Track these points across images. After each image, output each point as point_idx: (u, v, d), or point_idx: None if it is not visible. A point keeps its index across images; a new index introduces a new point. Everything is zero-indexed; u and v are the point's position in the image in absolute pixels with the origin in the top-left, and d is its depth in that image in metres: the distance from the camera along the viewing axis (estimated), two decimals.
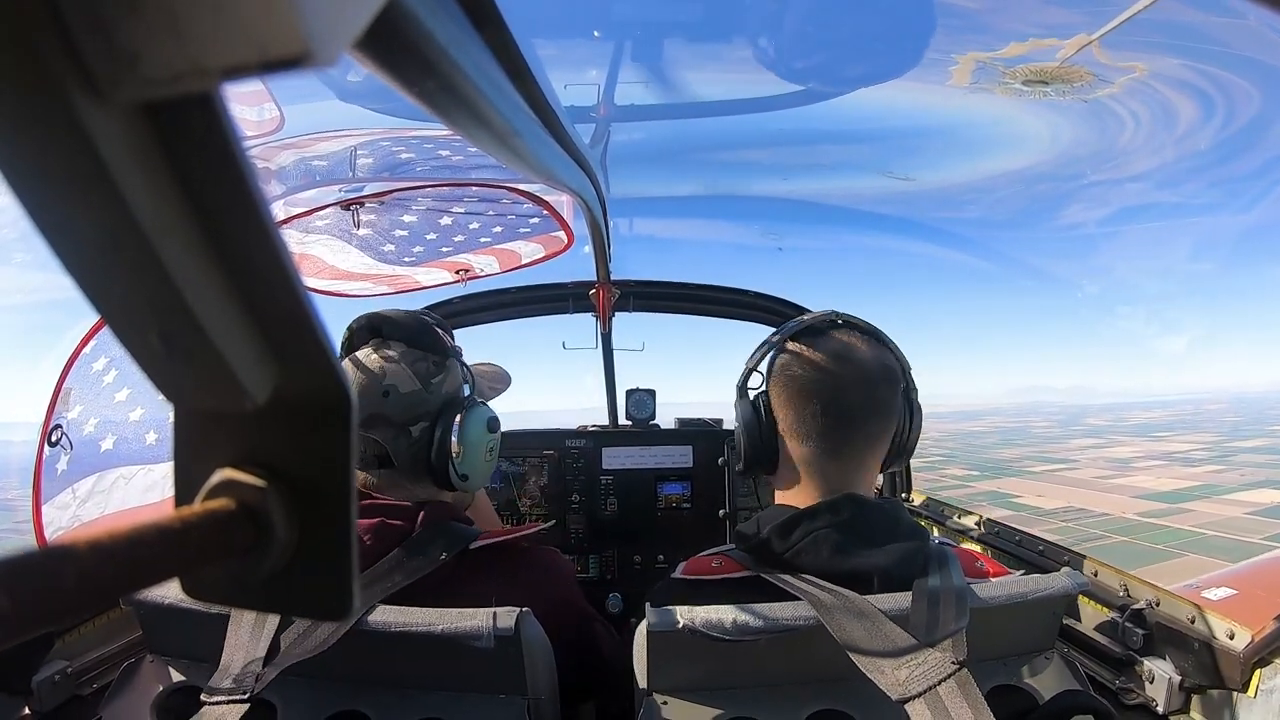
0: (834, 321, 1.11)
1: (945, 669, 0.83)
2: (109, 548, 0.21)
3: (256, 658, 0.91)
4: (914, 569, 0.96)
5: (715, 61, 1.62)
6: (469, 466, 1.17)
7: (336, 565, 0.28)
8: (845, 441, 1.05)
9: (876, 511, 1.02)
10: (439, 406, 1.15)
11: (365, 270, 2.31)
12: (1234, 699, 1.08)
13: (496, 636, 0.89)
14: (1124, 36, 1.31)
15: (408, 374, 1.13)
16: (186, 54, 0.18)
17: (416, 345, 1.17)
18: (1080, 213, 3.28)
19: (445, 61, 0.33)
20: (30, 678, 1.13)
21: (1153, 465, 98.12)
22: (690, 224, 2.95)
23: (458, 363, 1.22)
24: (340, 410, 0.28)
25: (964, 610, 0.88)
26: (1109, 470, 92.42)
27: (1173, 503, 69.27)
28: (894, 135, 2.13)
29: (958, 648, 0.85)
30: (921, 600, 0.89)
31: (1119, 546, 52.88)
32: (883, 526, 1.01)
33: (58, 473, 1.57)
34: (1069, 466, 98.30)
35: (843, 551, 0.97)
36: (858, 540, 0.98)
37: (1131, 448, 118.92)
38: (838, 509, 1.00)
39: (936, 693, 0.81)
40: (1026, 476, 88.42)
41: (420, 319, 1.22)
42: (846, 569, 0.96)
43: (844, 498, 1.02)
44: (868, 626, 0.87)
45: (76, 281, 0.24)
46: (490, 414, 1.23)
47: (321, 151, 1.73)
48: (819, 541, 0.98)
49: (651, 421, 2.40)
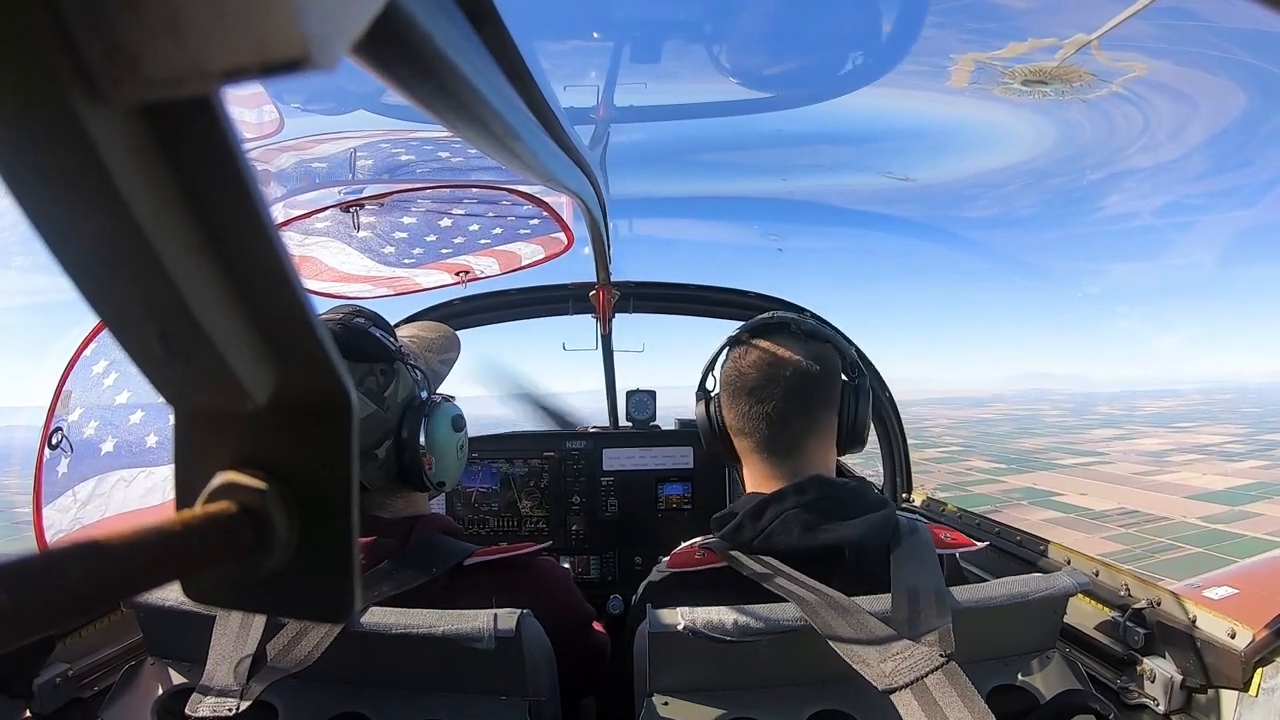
0: (769, 323, 1.17)
1: (933, 661, 0.84)
2: (110, 550, 0.21)
3: (243, 667, 0.90)
4: (884, 537, 1.01)
5: (715, 62, 1.62)
6: (443, 472, 1.13)
7: (337, 567, 0.28)
8: (780, 436, 1.11)
9: (842, 490, 1.08)
10: (399, 419, 1.08)
11: (365, 272, 2.31)
12: (1235, 698, 1.08)
13: (497, 638, 0.89)
14: (1123, 36, 1.31)
15: (358, 396, 1.05)
16: (187, 56, 0.18)
17: (360, 358, 1.07)
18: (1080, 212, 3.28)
19: (444, 63, 0.33)
20: (31, 680, 1.12)
21: (1191, 460, 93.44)
22: (690, 224, 2.95)
23: (404, 364, 1.12)
24: (341, 412, 0.28)
25: (944, 608, 0.90)
26: (1146, 465, 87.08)
27: (1232, 504, 64.36)
28: (894, 135, 2.13)
29: (944, 641, 0.86)
30: (901, 599, 0.91)
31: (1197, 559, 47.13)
32: (850, 502, 1.05)
33: (58, 475, 1.57)
34: (1100, 460, 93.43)
35: (812, 529, 1.02)
36: (825, 517, 1.03)
37: (1158, 439, 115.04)
38: (803, 490, 1.06)
39: (925, 684, 0.82)
40: (1057, 470, 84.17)
41: (354, 326, 1.10)
42: (818, 544, 1.01)
43: (809, 479, 1.07)
44: (850, 620, 0.88)
45: (76, 284, 0.24)
46: (454, 411, 1.16)
47: (321, 153, 1.72)
48: (788, 522, 1.03)
49: (652, 423, 2.40)
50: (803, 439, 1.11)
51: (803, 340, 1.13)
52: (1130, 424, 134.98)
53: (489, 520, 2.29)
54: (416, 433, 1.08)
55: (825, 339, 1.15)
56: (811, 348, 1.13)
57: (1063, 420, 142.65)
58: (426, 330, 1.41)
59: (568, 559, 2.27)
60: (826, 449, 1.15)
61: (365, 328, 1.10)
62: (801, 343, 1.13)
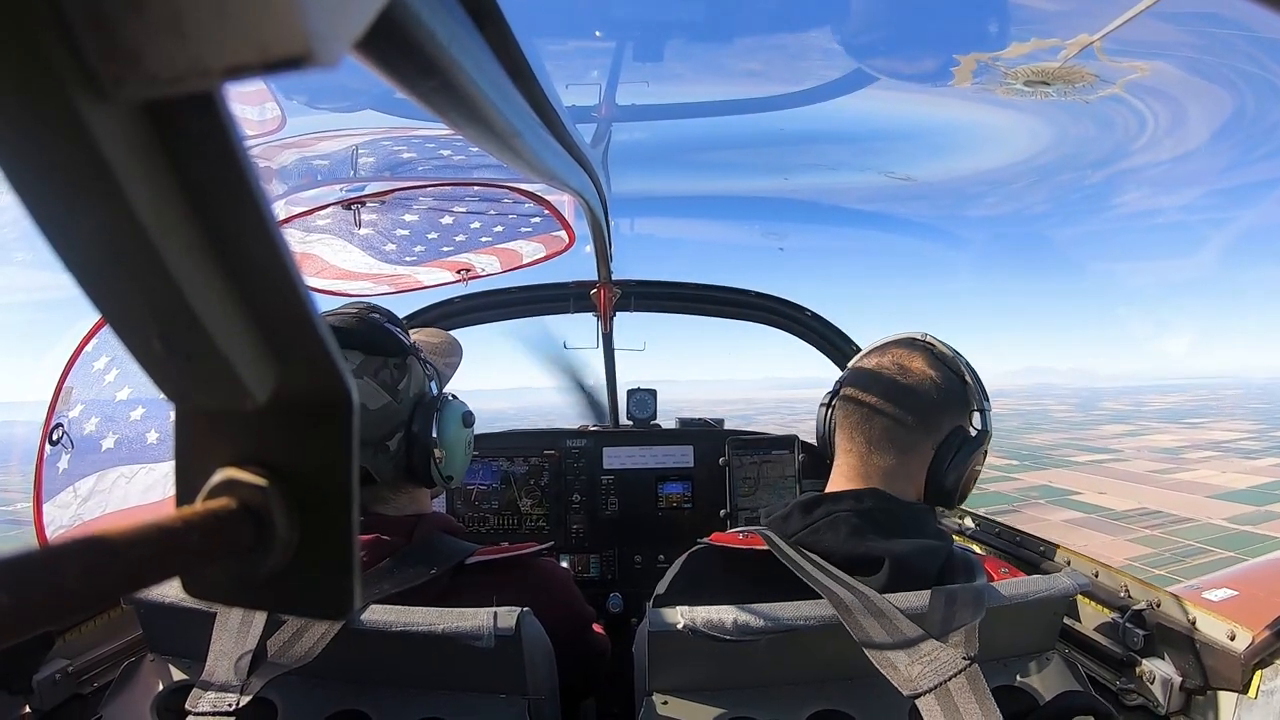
0: (910, 340, 1.16)
1: (956, 664, 0.83)
2: (110, 547, 0.21)
3: (243, 664, 0.90)
4: (932, 563, 0.98)
5: (716, 62, 1.62)
6: (452, 467, 1.14)
7: (337, 564, 0.28)
8: (863, 431, 1.08)
9: (901, 508, 1.04)
10: (410, 412, 1.10)
11: (366, 270, 2.31)
12: (1235, 700, 1.08)
13: (497, 636, 0.89)
14: (1126, 37, 1.31)
15: (373, 387, 1.06)
16: (189, 53, 0.18)
17: (375, 351, 1.08)
18: (1080, 212, 3.28)
19: (447, 61, 0.33)
20: (31, 676, 1.13)
21: (1208, 457, 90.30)
22: (691, 223, 2.95)
23: (417, 360, 1.14)
24: (341, 409, 0.28)
25: (980, 605, 0.89)
26: (1163, 462, 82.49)
27: (1258, 504, 60.76)
28: (894, 135, 2.13)
29: (969, 643, 0.85)
30: (940, 597, 0.90)
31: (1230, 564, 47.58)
32: (906, 523, 1.02)
33: (59, 471, 1.57)
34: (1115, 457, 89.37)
35: (859, 534, 0.99)
36: (876, 528, 1.00)
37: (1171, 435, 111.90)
38: (861, 498, 1.03)
39: (947, 688, 0.82)
40: (1072, 467, 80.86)
41: (370, 320, 1.12)
42: (860, 552, 0.97)
43: (870, 490, 1.05)
44: (885, 624, 0.87)
45: (78, 281, 0.24)
46: (464, 408, 1.18)
47: (323, 151, 1.73)
48: (838, 522, 1.00)
49: (652, 421, 2.40)
50: (883, 446, 1.07)
51: (932, 360, 1.11)
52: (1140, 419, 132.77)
53: (489, 518, 2.29)
54: (428, 426, 1.10)
55: (952, 367, 1.12)
56: (936, 368, 1.10)
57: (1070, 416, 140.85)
58: (430, 335, 1.45)
59: (567, 557, 2.27)
60: (906, 474, 1.08)
61: (380, 322, 1.13)
62: (929, 361, 1.11)
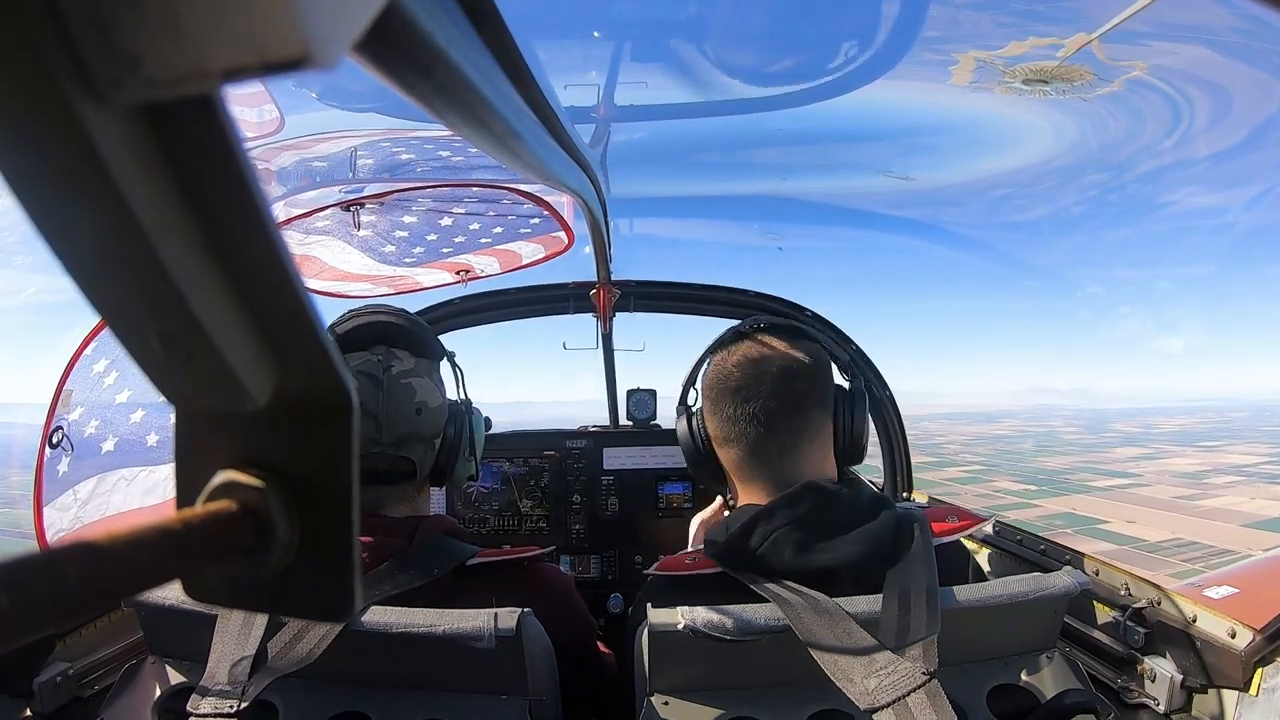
0: (752, 328, 1.11)
1: (915, 679, 0.82)
2: (110, 549, 0.21)
3: (243, 666, 0.91)
4: (883, 553, 0.94)
5: (715, 61, 1.62)
6: (473, 467, 1.22)
7: (338, 566, 0.28)
8: (769, 437, 1.03)
9: (836, 498, 0.99)
10: (449, 414, 1.16)
11: (366, 271, 2.31)
12: (1236, 698, 1.08)
13: (498, 637, 0.89)
14: (1124, 36, 1.31)
15: (432, 387, 1.14)
16: (187, 56, 0.18)
17: (425, 354, 1.16)
18: (1081, 212, 3.28)
19: (445, 62, 0.33)
20: (32, 679, 1.13)
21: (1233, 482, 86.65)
22: (690, 224, 2.95)
23: (452, 364, 1.24)
24: (341, 411, 0.28)
25: (934, 616, 0.86)
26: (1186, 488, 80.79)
27: None
28: (894, 135, 2.13)
29: (928, 657, 0.83)
30: (892, 603, 0.88)
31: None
32: (845, 513, 0.98)
33: (59, 475, 1.57)
34: (1135, 482, 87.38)
35: (805, 549, 0.94)
36: (818, 534, 0.95)
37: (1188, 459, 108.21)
38: (796, 502, 0.98)
39: (906, 703, 0.80)
40: (1092, 493, 77.96)
41: (420, 323, 1.19)
42: (813, 567, 0.94)
43: (802, 488, 0.99)
44: (835, 630, 0.85)
45: (77, 283, 0.24)
46: (485, 414, 1.28)
47: (322, 152, 1.72)
48: (779, 542, 0.95)
49: (652, 422, 2.40)
50: (795, 440, 1.03)
51: (789, 338, 1.07)
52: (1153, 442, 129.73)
53: (489, 519, 2.29)
54: (465, 428, 1.17)
55: (813, 338, 1.10)
56: (799, 345, 1.07)
57: (1081, 438, 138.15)
58: None
59: (568, 558, 2.28)
60: (823, 454, 1.07)
61: (427, 326, 1.20)
62: (787, 340, 1.07)
